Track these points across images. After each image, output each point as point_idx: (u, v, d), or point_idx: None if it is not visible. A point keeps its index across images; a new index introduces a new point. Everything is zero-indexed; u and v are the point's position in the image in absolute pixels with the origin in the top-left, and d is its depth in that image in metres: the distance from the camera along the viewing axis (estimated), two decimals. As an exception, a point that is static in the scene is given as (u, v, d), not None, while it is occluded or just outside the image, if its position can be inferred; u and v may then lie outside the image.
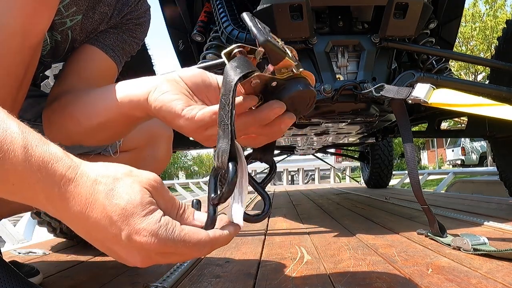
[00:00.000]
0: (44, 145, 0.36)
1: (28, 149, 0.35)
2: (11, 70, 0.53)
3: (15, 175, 0.35)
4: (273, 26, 1.07)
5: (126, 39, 0.75)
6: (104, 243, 0.39)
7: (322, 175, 8.78)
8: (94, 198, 0.37)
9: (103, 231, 0.37)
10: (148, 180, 0.39)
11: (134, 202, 0.37)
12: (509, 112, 0.84)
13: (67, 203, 0.36)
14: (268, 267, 0.83)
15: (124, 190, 0.37)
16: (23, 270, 0.76)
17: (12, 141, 0.34)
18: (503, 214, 1.46)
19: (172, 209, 0.41)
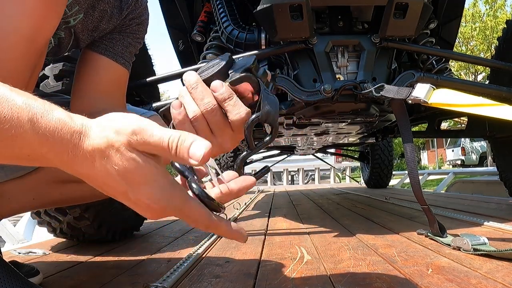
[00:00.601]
0: (49, 114, 0.38)
1: (34, 121, 0.37)
2: (18, 74, 0.54)
3: (28, 148, 0.37)
4: (273, 26, 1.07)
5: (131, 42, 0.77)
6: (118, 198, 0.42)
7: (322, 175, 8.78)
8: (97, 162, 0.39)
9: (113, 189, 0.40)
10: (128, 138, 0.39)
11: (129, 169, 0.39)
12: (509, 112, 0.84)
13: (77, 166, 0.39)
14: (268, 267, 0.83)
15: (118, 156, 0.39)
16: (23, 270, 0.76)
17: (19, 117, 0.36)
18: (503, 214, 1.46)
19: (165, 153, 0.40)
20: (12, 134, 0.36)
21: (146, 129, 0.39)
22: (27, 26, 0.52)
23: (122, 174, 0.39)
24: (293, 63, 1.19)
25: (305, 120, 1.44)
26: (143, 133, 0.39)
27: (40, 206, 0.92)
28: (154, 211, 0.41)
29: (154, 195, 0.40)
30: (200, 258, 0.95)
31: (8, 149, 0.37)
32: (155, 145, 0.39)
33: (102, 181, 0.40)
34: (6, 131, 0.36)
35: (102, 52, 0.73)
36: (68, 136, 0.38)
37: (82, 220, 1.14)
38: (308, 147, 2.83)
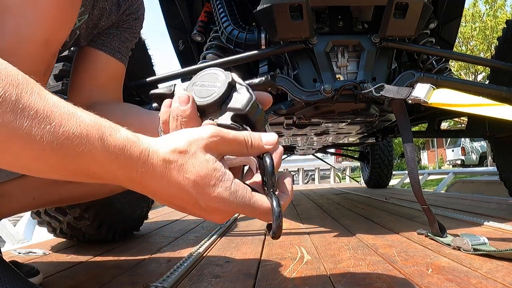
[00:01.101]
0: (117, 132, 0.39)
1: (104, 139, 0.37)
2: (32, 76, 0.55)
3: (96, 164, 0.38)
4: (273, 26, 1.07)
5: (128, 37, 0.78)
6: (185, 209, 0.44)
7: (322, 175, 8.77)
8: (168, 175, 0.40)
9: (182, 201, 0.42)
10: (207, 141, 0.41)
11: (201, 173, 0.40)
12: (509, 112, 0.84)
13: (146, 182, 0.40)
14: (268, 267, 0.83)
15: (191, 163, 0.40)
16: (23, 270, 0.76)
17: (88, 134, 0.37)
18: (503, 214, 1.46)
19: (240, 147, 0.43)
20: (81, 150, 0.36)
21: (222, 130, 0.42)
22: (43, 31, 0.54)
23: (193, 181, 0.41)
24: (293, 63, 1.19)
25: (305, 120, 1.44)
26: (222, 133, 0.42)
27: (40, 206, 0.92)
28: (225, 213, 0.43)
29: (223, 197, 0.42)
30: (200, 258, 0.95)
31: (75, 165, 0.37)
32: (234, 141, 0.42)
33: (172, 195, 0.42)
34: (75, 147, 0.36)
35: (99, 47, 0.74)
36: (137, 153, 0.39)
37: (82, 220, 1.14)
38: (308, 147, 2.83)
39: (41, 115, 0.34)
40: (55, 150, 0.35)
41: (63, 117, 0.36)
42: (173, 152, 0.40)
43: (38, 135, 0.34)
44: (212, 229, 1.39)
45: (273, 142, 0.44)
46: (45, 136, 0.34)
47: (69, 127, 0.36)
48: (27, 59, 0.53)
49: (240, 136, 0.43)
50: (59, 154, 0.36)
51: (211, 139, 0.41)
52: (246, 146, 0.43)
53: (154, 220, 1.88)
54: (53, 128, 0.35)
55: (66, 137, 0.35)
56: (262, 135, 0.44)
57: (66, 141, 0.35)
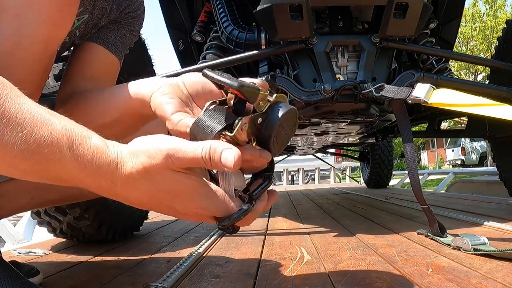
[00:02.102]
0: (87, 141, 0.39)
1: (73, 148, 0.38)
2: (34, 75, 0.56)
3: (66, 172, 0.38)
4: (273, 26, 1.07)
5: (125, 33, 0.77)
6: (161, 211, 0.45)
7: (322, 175, 8.77)
8: (139, 187, 0.41)
9: (157, 206, 0.43)
10: (164, 161, 0.40)
11: (174, 188, 0.41)
12: (509, 112, 0.84)
13: (116, 191, 0.41)
14: (268, 267, 0.83)
15: (162, 178, 0.41)
16: (23, 270, 0.76)
17: (58, 143, 0.37)
18: (503, 214, 1.46)
19: (200, 165, 0.42)
20: (51, 158, 0.37)
21: (179, 149, 0.41)
22: (43, 30, 0.54)
23: (167, 191, 0.41)
24: (293, 63, 1.19)
25: (305, 120, 1.44)
26: (177, 154, 0.41)
27: (38, 206, 0.92)
28: (206, 217, 0.44)
29: (200, 204, 0.43)
30: (200, 258, 0.95)
31: (46, 172, 0.38)
32: (191, 161, 0.41)
33: (146, 202, 0.43)
34: (46, 155, 0.36)
35: (94, 40, 0.73)
36: (106, 165, 0.39)
37: (82, 220, 1.14)
38: (308, 147, 2.83)
39: (14, 123, 0.35)
40: (26, 158, 0.36)
41: (36, 124, 0.36)
42: (140, 165, 0.40)
43: (10, 143, 0.35)
44: (212, 229, 1.39)
45: (230, 166, 0.41)
46: (16, 144, 0.35)
47: (40, 135, 0.36)
48: (27, 59, 0.54)
49: (197, 156, 0.41)
50: (30, 162, 0.36)
51: (167, 160, 0.40)
52: (204, 165, 0.41)
53: (154, 220, 1.88)
54: (25, 136, 0.35)
55: (37, 145, 0.36)
56: (223, 154, 0.41)
57: (37, 149, 0.36)
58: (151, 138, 0.42)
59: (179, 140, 0.42)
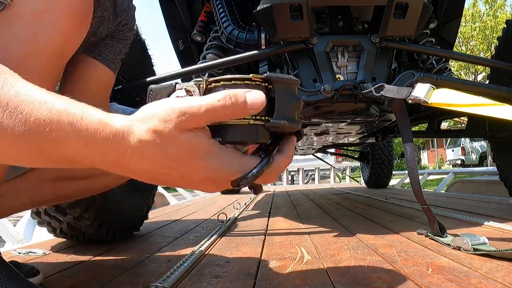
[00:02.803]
0: (88, 114, 0.39)
1: (74, 124, 0.37)
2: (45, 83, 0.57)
3: (71, 150, 0.38)
4: (273, 26, 1.07)
5: (121, 48, 0.79)
6: (174, 183, 0.43)
7: (322, 175, 8.78)
8: (148, 155, 0.40)
9: (167, 176, 0.41)
10: (177, 122, 0.39)
11: (184, 150, 0.40)
12: (509, 112, 0.84)
13: (124, 162, 0.40)
14: (268, 267, 0.83)
15: (170, 142, 0.40)
16: (23, 270, 0.76)
17: (59, 120, 0.37)
18: (503, 214, 1.46)
19: (218, 115, 0.41)
20: (53, 137, 0.37)
21: (192, 105, 0.40)
22: (58, 39, 0.55)
23: (177, 157, 0.40)
24: (293, 63, 1.19)
25: (305, 120, 1.44)
26: (190, 110, 0.39)
27: (36, 205, 0.92)
28: (216, 182, 0.42)
29: (212, 167, 0.41)
30: (200, 258, 0.95)
31: (52, 152, 0.38)
32: (206, 115, 0.40)
33: (155, 172, 0.41)
34: (47, 134, 0.36)
35: (96, 57, 0.75)
36: (111, 136, 0.39)
37: (82, 220, 1.14)
38: (308, 147, 2.83)
39: (12, 106, 0.35)
40: (27, 139, 0.36)
41: (34, 105, 0.36)
42: (149, 132, 0.39)
43: (10, 126, 0.35)
44: (212, 229, 1.39)
45: (260, 104, 0.40)
46: (17, 126, 0.35)
47: (40, 114, 0.36)
48: (43, 66, 0.54)
49: (216, 107, 0.40)
50: (32, 143, 0.36)
51: (181, 118, 0.39)
52: (225, 116, 0.40)
53: (154, 220, 1.88)
54: (25, 117, 0.36)
55: (37, 125, 0.36)
56: (248, 96, 0.41)
57: (37, 129, 0.36)
58: (159, 102, 0.41)
59: (192, 97, 0.41)
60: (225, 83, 0.43)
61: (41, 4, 0.53)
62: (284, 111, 0.44)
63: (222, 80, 0.43)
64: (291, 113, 0.45)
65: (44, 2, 0.53)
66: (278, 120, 0.43)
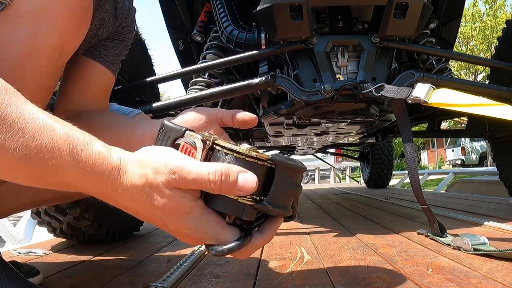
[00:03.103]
0: (89, 146, 0.39)
1: (74, 154, 0.38)
2: (44, 82, 0.58)
3: (68, 178, 0.39)
4: (273, 26, 1.07)
5: (122, 50, 0.79)
6: (157, 225, 0.45)
7: (322, 175, 8.77)
8: (137, 198, 0.41)
9: (152, 220, 0.43)
10: (167, 178, 0.40)
11: (169, 205, 0.41)
12: (509, 112, 0.84)
13: (117, 198, 0.41)
14: (268, 267, 0.83)
15: (159, 193, 0.41)
16: (23, 270, 0.76)
17: (60, 149, 0.37)
18: (503, 214, 1.46)
19: (205, 187, 0.41)
20: (52, 164, 0.37)
21: (183, 167, 0.40)
22: (58, 39, 0.55)
23: (161, 208, 0.41)
24: (293, 63, 1.19)
25: (305, 120, 1.44)
26: (180, 172, 0.40)
27: (36, 205, 0.92)
28: (193, 239, 0.44)
29: (191, 226, 0.42)
30: (200, 258, 0.95)
31: (49, 178, 0.38)
32: (194, 182, 0.40)
33: (142, 214, 0.43)
34: (47, 161, 0.37)
35: (96, 59, 0.75)
36: (107, 172, 0.39)
37: (82, 220, 1.14)
38: (308, 147, 2.83)
39: (15, 128, 0.35)
40: (28, 163, 0.36)
41: (37, 129, 0.36)
42: (140, 178, 0.40)
43: (11, 148, 0.35)
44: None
45: (250, 189, 0.40)
46: (18, 149, 0.35)
47: (41, 140, 0.36)
48: (43, 66, 0.55)
49: (203, 178, 0.40)
50: (32, 167, 0.36)
51: (170, 176, 0.40)
52: (211, 189, 0.40)
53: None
54: (26, 141, 0.35)
55: (38, 151, 0.36)
56: (240, 177, 0.40)
57: (38, 154, 0.36)
58: (160, 151, 0.42)
59: (188, 158, 0.41)
60: (227, 152, 0.42)
61: (41, 3, 0.53)
62: (277, 197, 0.43)
63: (226, 148, 0.42)
64: (285, 200, 0.45)
65: (44, 2, 0.53)
66: (269, 205, 0.43)
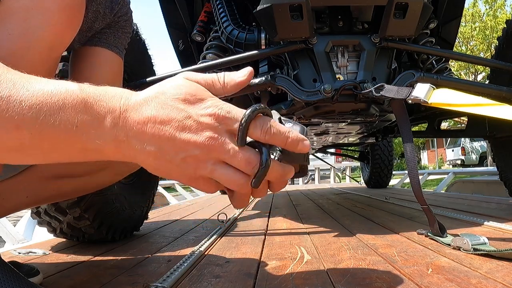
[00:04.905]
0: (95, 85, 0.43)
1: (82, 87, 0.41)
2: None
3: (73, 115, 0.39)
4: (273, 26, 1.07)
5: (121, 35, 0.80)
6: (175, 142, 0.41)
7: (322, 175, 8.78)
8: (149, 110, 0.41)
9: (171, 123, 0.40)
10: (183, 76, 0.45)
11: (191, 91, 0.43)
12: (509, 112, 0.84)
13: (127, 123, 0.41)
14: (268, 267, 0.83)
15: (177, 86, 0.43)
16: (23, 270, 0.76)
17: (67, 87, 0.40)
18: (503, 214, 1.46)
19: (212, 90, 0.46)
20: (62, 103, 0.39)
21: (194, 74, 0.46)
22: (49, 35, 0.55)
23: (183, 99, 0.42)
24: (293, 63, 1.19)
25: (305, 120, 1.44)
26: (192, 75, 0.46)
27: (34, 204, 0.92)
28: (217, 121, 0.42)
29: (213, 104, 0.43)
30: (200, 258, 0.95)
31: (56, 125, 0.38)
32: (205, 80, 0.45)
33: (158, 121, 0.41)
34: (56, 103, 0.39)
35: (97, 44, 0.76)
36: (118, 93, 0.42)
37: (82, 220, 1.14)
38: (308, 147, 2.83)
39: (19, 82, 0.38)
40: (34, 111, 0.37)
41: (39, 80, 0.39)
42: (156, 87, 0.44)
43: (18, 99, 0.37)
44: (212, 229, 1.39)
45: (245, 74, 0.47)
46: (24, 97, 0.37)
47: (48, 87, 0.39)
48: (34, 62, 0.55)
49: (207, 80, 0.46)
50: (39, 115, 0.37)
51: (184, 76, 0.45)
52: (214, 87, 0.46)
53: (154, 220, 1.88)
54: (32, 89, 0.38)
55: (43, 93, 0.38)
56: (233, 72, 0.47)
57: (43, 97, 0.38)
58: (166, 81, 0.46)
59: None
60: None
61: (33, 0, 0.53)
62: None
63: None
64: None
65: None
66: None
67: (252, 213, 2.08)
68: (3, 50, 0.52)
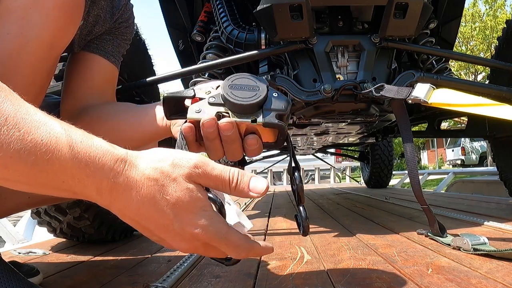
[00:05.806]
0: (89, 140, 0.38)
1: (73, 146, 0.37)
2: (36, 79, 0.58)
3: (65, 173, 0.37)
4: (273, 26, 1.07)
5: (120, 43, 0.80)
6: (151, 231, 0.42)
7: (322, 175, 8.76)
8: (144, 191, 0.39)
9: (151, 221, 0.41)
10: (190, 171, 0.41)
11: (184, 199, 0.40)
12: (509, 112, 0.84)
13: (117, 195, 0.39)
14: (268, 267, 0.83)
15: (173, 186, 0.40)
16: (23, 270, 0.76)
17: (57, 141, 0.36)
18: (503, 214, 1.46)
19: (223, 186, 0.43)
20: (48, 158, 0.36)
21: (208, 163, 0.42)
22: (48, 34, 0.55)
23: (173, 204, 0.40)
24: (293, 63, 1.19)
25: (305, 120, 1.44)
26: (205, 167, 0.41)
27: (35, 205, 0.92)
28: (200, 240, 0.42)
29: (203, 223, 0.41)
30: (200, 258, 0.95)
31: (43, 174, 0.36)
32: (216, 178, 0.42)
33: (142, 214, 0.40)
34: (43, 155, 0.35)
35: (93, 51, 0.75)
36: (111, 163, 0.38)
37: (82, 220, 1.14)
38: (308, 147, 2.83)
39: (11, 123, 0.34)
40: (23, 158, 0.35)
41: (33, 124, 0.36)
42: (155, 170, 0.40)
43: (6, 143, 0.34)
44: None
45: (260, 191, 0.43)
46: (12, 143, 0.34)
47: (38, 134, 0.35)
48: (32, 62, 0.55)
49: (224, 175, 0.42)
50: (27, 162, 0.35)
51: (194, 170, 0.41)
52: (228, 187, 0.43)
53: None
54: (22, 135, 0.35)
55: (34, 145, 0.35)
56: (252, 180, 0.43)
57: (34, 148, 0.35)
58: (178, 150, 0.43)
59: (208, 158, 0.43)
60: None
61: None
62: None
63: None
64: None
65: None
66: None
67: (252, 213, 2.08)
68: (1, 49, 0.52)
